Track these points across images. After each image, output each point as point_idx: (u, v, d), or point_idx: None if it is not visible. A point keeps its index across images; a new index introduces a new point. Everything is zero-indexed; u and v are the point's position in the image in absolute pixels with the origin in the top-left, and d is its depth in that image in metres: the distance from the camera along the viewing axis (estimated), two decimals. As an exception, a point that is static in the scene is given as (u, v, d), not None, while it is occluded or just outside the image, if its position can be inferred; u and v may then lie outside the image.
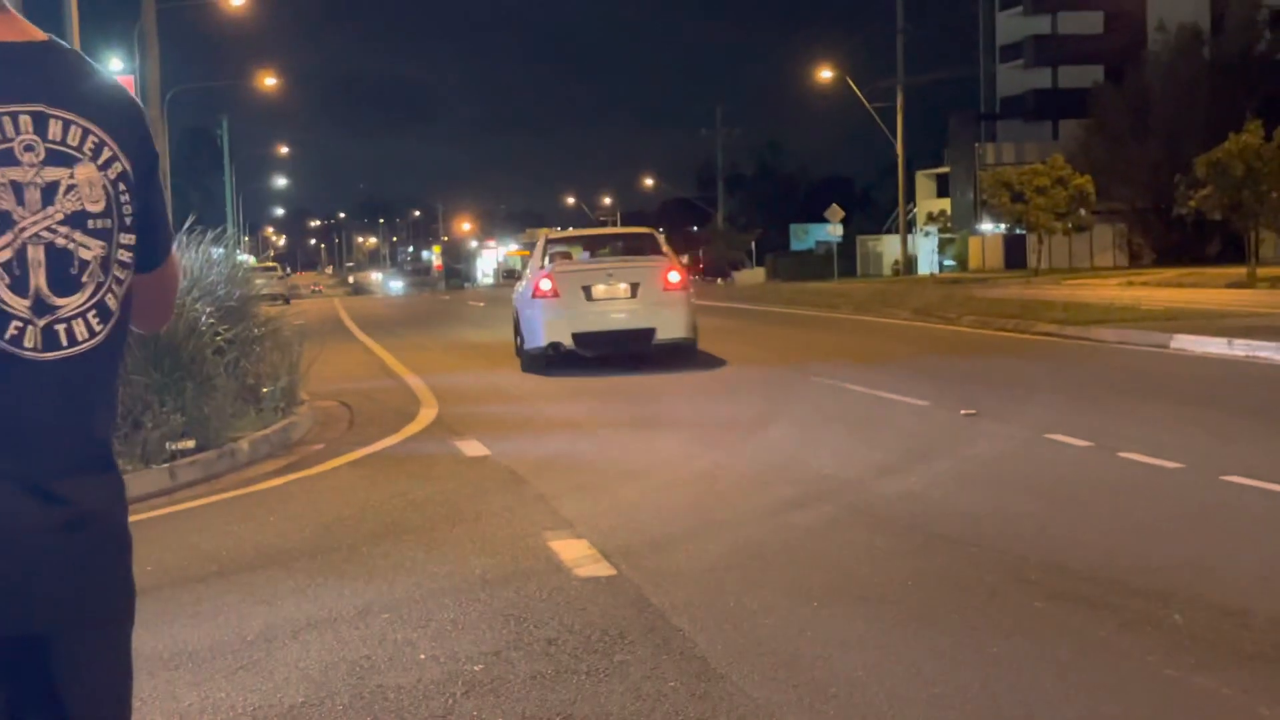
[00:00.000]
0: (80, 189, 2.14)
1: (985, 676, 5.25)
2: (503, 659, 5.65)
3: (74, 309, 2.13)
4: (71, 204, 2.13)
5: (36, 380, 2.10)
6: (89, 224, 2.15)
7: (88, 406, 2.19)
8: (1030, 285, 44.17)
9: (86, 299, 2.15)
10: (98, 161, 2.17)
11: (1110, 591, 6.33)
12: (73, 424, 2.16)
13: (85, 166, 2.15)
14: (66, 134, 2.14)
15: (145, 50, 27.58)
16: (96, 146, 2.17)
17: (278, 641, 6.04)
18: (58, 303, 2.12)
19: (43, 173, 2.11)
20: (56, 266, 2.12)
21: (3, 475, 2.07)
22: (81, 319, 2.14)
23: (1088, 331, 21.09)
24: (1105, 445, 10.30)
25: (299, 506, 9.39)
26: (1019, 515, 8.07)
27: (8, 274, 2.07)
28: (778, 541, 7.66)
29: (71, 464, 2.16)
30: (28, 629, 2.13)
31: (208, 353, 11.96)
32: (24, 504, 2.09)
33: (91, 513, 2.19)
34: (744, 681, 5.27)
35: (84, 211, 2.14)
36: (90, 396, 2.19)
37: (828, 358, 19.19)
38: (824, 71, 65.67)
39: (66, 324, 2.12)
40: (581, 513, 8.61)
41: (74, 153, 2.15)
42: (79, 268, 2.14)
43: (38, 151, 2.11)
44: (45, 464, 2.11)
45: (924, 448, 10.66)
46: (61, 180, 2.12)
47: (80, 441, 2.18)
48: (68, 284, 2.13)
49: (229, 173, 65.40)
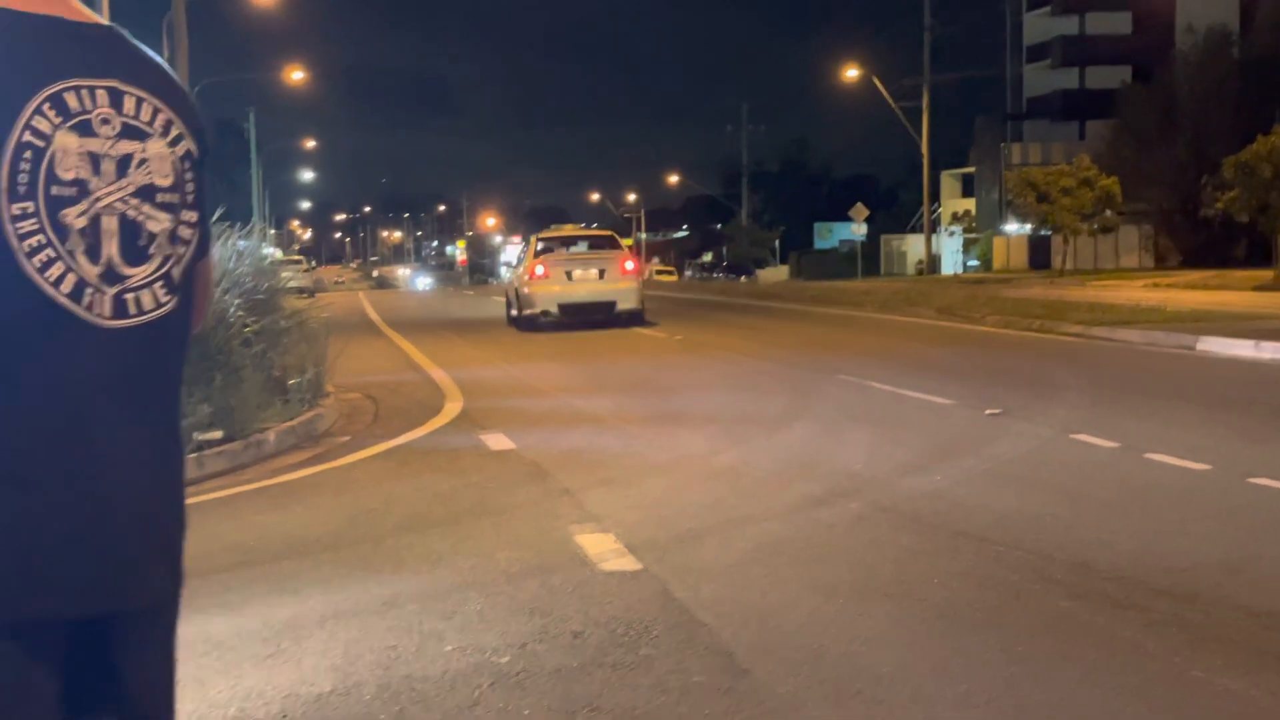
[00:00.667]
0: (151, 163, 2.20)
1: (1010, 675, 5.25)
2: (528, 651, 5.67)
3: (142, 279, 2.18)
4: (142, 177, 2.19)
5: (106, 347, 2.13)
6: (157, 198, 2.21)
7: (158, 375, 2.24)
8: (1055, 286, 44.03)
9: (154, 270, 2.20)
10: (167, 138, 2.23)
11: (1136, 592, 6.33)
12: (144, 392, 2.20)
13: (155, 142, 2.21)
14: (139, 110, 2.20)
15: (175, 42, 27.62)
16: (166, 124, 2.24)
17: (305, 631, 6.07)
18: (127, 272, 2.17)
19: (117, 145, 2.16)
20: (127, 237, 2.17)
21: (78, 444, 2.10)
22: (149, 289, 2.19)
23: (1113, 332, 21.03)
24: (1131, 446, 10.28)
25: (325, 498, 9.43)
26: (1044, 515, 8.06)
27: (83, 241, 2.12)
28: (803, 538, 7.67)
29: (143, 434, 2.20)
30: (106, 608, 2.15)
31: (235, 344, 12.01)
32: (100, 475, 2.12)
33: (162, 485, 2.24)
34: (769, 676, 5.28)
35: (153, 185, 2.20)
36: (160, 365, 2.24)
37: (852, 356, 19.17)
38: (850, 70, 65.54)
39: (135, 293, 2.17)
40: (606, 507, 8.62)
41: (145, 128, 2.20)
42: (147, 239, 2.19)
43: (113, 124, 2.16)
44: (118, 432, 2.15)
45: (949, 446, 10.65)
46: (134, 154, 2.18)
47: (152, 410, 2.22)
48: (137, 255, 2.18)
49: (256, 165, 65.56)
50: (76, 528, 2.09)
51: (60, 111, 2.10)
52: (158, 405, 2.25)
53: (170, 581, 2.29)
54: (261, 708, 5.11)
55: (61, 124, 2.10)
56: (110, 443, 2.14)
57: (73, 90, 2.12)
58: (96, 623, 2.16)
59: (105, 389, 2.13)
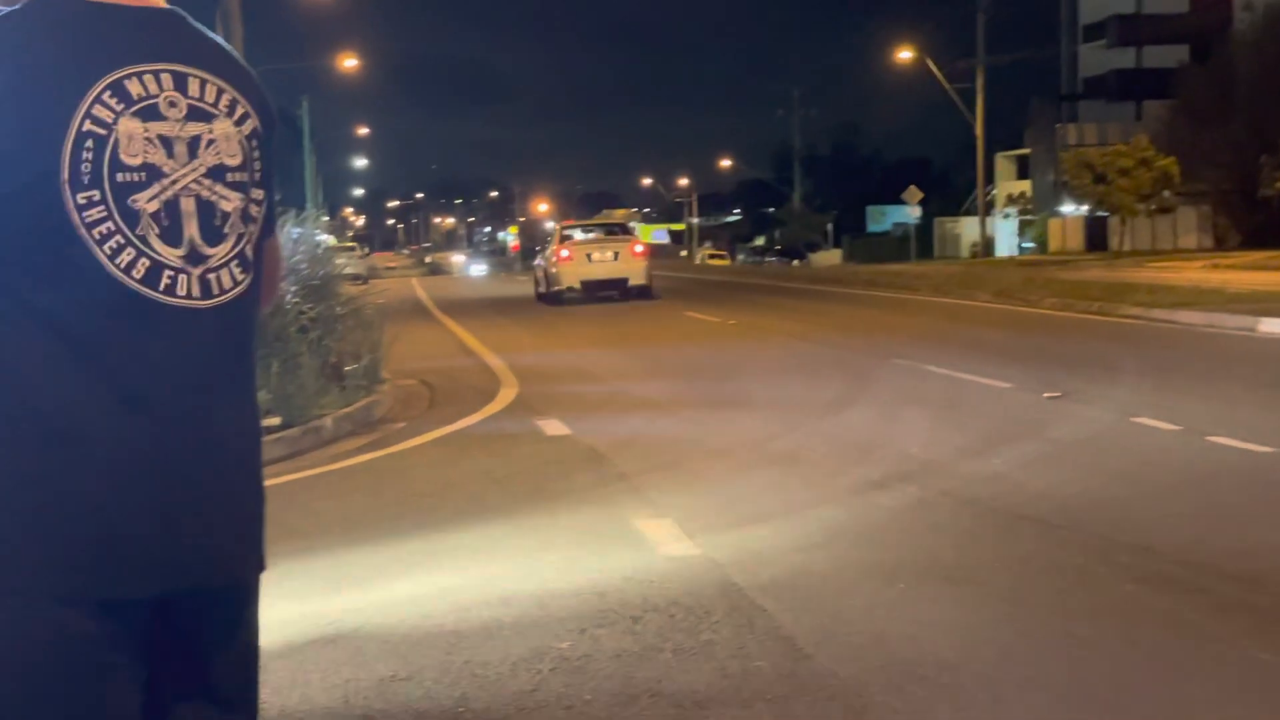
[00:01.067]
0: (219, 143, 2.21)
1: (1074, 659, 5.20)
2: (588, 636, 5.66)
3: (221, 259, 2.20)
4: (212, 157, 2.20)
5: (195, 327, 2.16)
6: (228, 177, 2.22)
7: (240, 354, 2.27)
8: (1113, 267, 43.66)
9: (230, 249, 2.22)
10: (233, 118, 2.24)
11: (1201, 574, 6.26)
12: (230, 370, 2.24)
13: (222, 122, 2.23)
14: (204, 91, 2.21)
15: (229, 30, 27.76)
16: (231, 104, 2.25)
17: (365, 616, 6.08)
18: (208, 252, 2.19)
19: (186, 127, 2.17)
20: (205, 217, 2.19)
21: (170, 424, 2.13)
22: (227, 268, 2.21)
23: (1173, 314, 20.82)
24: (1193, 429, 10.17)
25: (382, 484, 9.46)
26: (1106, 498, 7.99)
27: (157, 224, 2.13)
28: (862, 522, 7.63)
29: (232, 411, 2.24)
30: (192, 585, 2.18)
31: (292, 330, 12.08)
32: (195, 453, 2.15)
33: (249, 461, 2.29)
34: (831, 661, 5.25)
35: (223, 165, 2.21)
36: (241, 343, 2.27)
37: (907, 339, 19.08)
38: (903, 51, 65.16)
39: (216, 273, 2.19)
40: (664, 491, 8.61)
41: (211, 109, 2.22)
42: (221, 219, 2.21)
43: (180, 107, 2.17)
44: (209, 410, 2.18)
45: (1007, 430, 10.57)
46: (203, 135, 2.20)
47: (236, 390, 2.26)
48: (214, 234, 2.20)
49: (309, 153, 65.86)
50: (163, 507, 2.11)
51: (122, 99, 2.10)
52: (238, 383, 2.27)
53: (254, 559, 2.33)
54: (323, 693, 5.13)
55: (124, 110, 2.10)
56: (196, 423, 2.16)
57: (135, 76, 2.13)
58: (180, 602, 2.19)
59: (187, 369, 2.15)
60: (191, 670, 2.24)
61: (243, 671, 2.33)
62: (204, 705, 2.25)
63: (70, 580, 2.05)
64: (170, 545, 2.12)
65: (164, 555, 2.12)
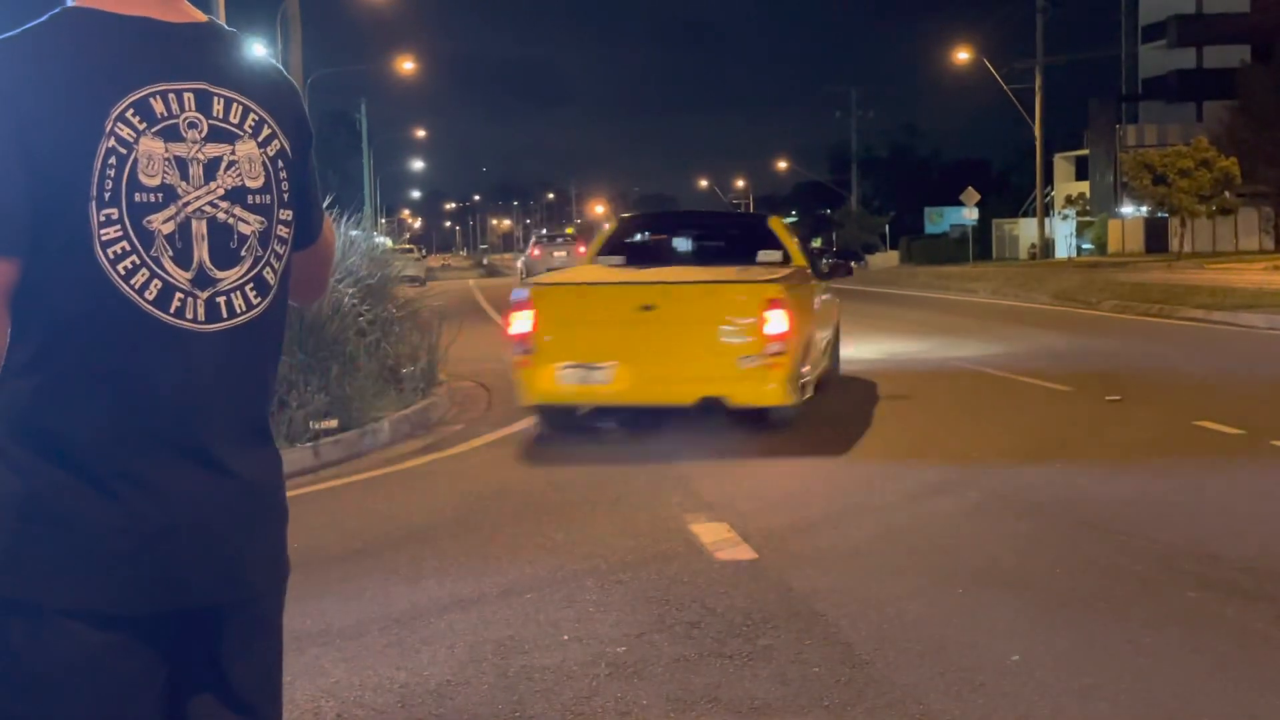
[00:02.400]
0: (240, 165, 2.18)
1: (1138, 667, 5.14)
2: (646, 641, 5.64)
3: (233, 282, 2.17)
4: (232, 179, 2.17)
5: (199, 351, 2.14)
6: (248, 199, 2.18)
7: (248, 378, 2.24)
8: (1173, 269, 43.26)
9: (244, 272, 2.18)
10: (258, 139, 2.20)
11: (1267, 582, 6.17)
12: (234, 395, 2.21)
13: (245, 143, 2.19)
14: (228, 111, 2.18)
15: (289, 34, 27.93)
16: (256, 124, 2.21)
17: (423, 619, 6.09)
18: (218, 275, 2.15)
19: (205, 149, 2.14)
20: (217, 240, 2.15)
21: (173, 446, 2.12)
22: (239, 292, 2.18)
23: (1235, 317, 20.61)
24: (1257, 433, 10.05)
25: (440, 486, 9.47)
26: (1168, 503, 7.90)
27: (170, 247, 2.11)
28: (920, 526, 7.57)
29: (235, 435, 2.21)
30: (202, 601, 2.18)
31: (350, 333, 12.11)
32: (194, 475, 2.14)
33: (256, 483, 2.24)
34: (889, 668, 5.21)
35: (244, 187, 2.18)
36: (250, 368, 2.24)
37: (966, 341, 18.96)
38: (960, 53, 64.82)
39: (226, 296, 2.16)
40: (721, 495, 8.58)
41: (235, 129, 2.18)
42: (238, 242, 2.17)
43: (200, 128, 2.14)
44: (211, 434, 2.16)
45: (1067, 433, 10.48)
46: (223, 156, 2.16)
47: (242, 413, 2.23)
48: (227, 257, 2.16)
49: (367, 155, 66.19)
50: (164, 527, 2.11)
51: (145, 117, 2.09)
52: (248, 405, 2.25)
53: (271, 572, 2.31)
54: (381, 696, 5.13)
55: (145, 130, 2.08)
56: (207, 442, 2.16)
57: (159, 95, 2.11)
58: (191, 614, 2.18)
59: (191, 392, 2.14)
60: (211, 679, 2.24)
61: (264, 679, 2.33)
62: (225, 713, 2.26)
63: (80, 595, 2.06)
64: (173, 564, 2.12)
65: (166, 573, 2.11)
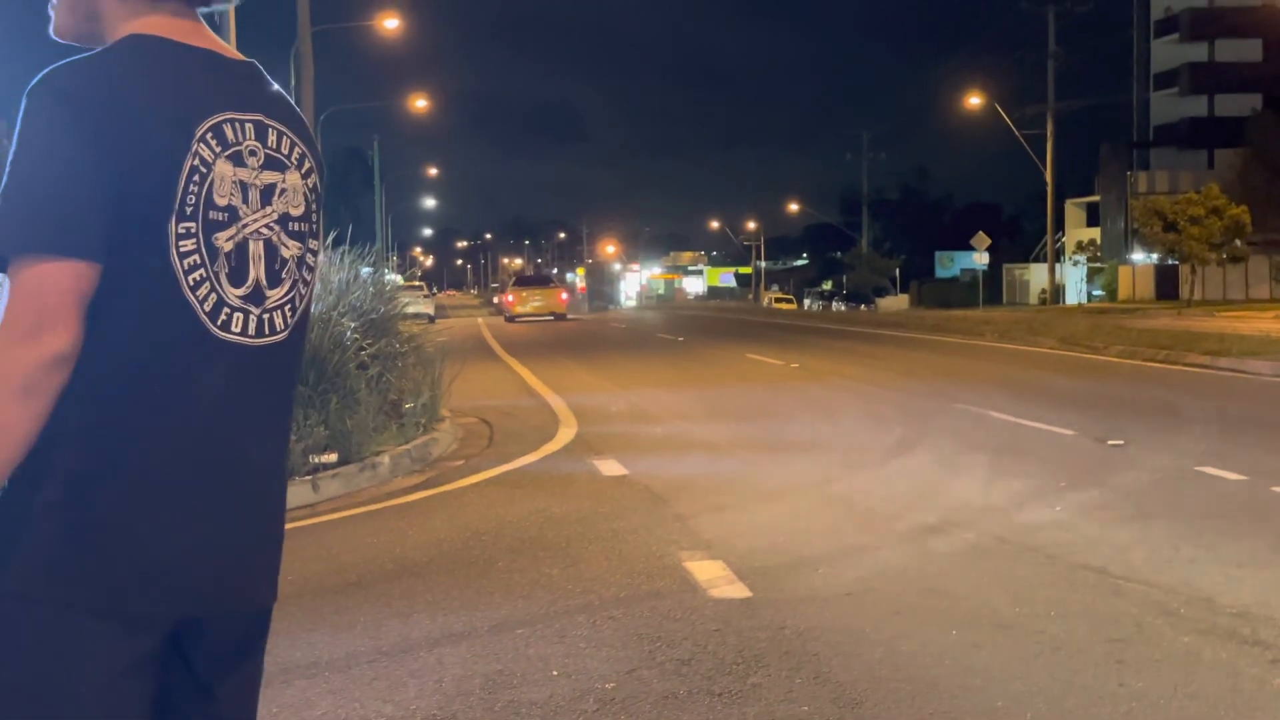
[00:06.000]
0: (289, 193, 2.34)
1: (1130, 711, 5.10)
2: (635, 677, 5.61)
3: (276, 301, 2.31)
4: (282, 206, 2.33)
5: (242, 364, 2.26)
6: (290, 226, 2.34)
7: (280, 392, 2.37)
8: (1182, 316, 43.24)
9: (285, 293, 2.33)
10: (301, 170, 2.37)
11: (1263, 628, 6.13)
12: (269, 408, 2.33)
13: (292, 174, 2.35)
14: (280, 143, 2.34)
15: (301, 71, 28.04)
16: (300, 157, 2.37)
17: (412, 653, 6.07)
18: (269, 294, 2.30)
19: (262, 175, 2.29)
20: (269, 261, 2.30)
21: (214, 454, 2.22)
22: (280, 311, 2.32)
23: (1242, 364, 20.57)
24: (1260, 479, 10.01)
25: (438, 521, 9.45)
26: (1167, 548, 7.86)
27: (228, 264, 2.23)
28: (917, 567, 7.54)
29: (269, 449, 2.33)
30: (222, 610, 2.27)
31: (351, 367, 12.10)
32: (232, 483, 2.24)
33: (276, 499, 2.37)
34: (880, 709, 5.17)
35: (289, 214, 2.34)
36: (282, 383, 2.37)
37: (971, 384, 18.93)
38: (972, 97, 65.04)
39: (271, 314, 2.31)
40: (718, 533, 8.55)
41: (285, 160, 2.34)
42: (281, 264, 2.32)
43: (259, 156, 2.30)
44: (249, 445, 2.27)
45: (1068, 477, 10.44)
46: (277, 184, 2.32)
47: (276, 428, 2.36)
48: (274, 278, 2.31)
49: (379, 192, 66.39)
50: (197, 534, 2.19)
51: (220, 141, 2.22)
52: (276, 420, 2.36)
53: (273, 588, 2.39)
54: (367, 729, 5.10)
55: (220, 153, 2.22)
56: (236, 455, 2.25)
57: (229, 122, 2.25)
58: (200, 624, 2.27)
59: (236, 404, 2.25)
60: (199, 690, 2.31)
61: (247, 695, 2.40)
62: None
63: (101, 595, 2.11)
64: (200, 571, 2.20)
65: (194, 580, 2.19)
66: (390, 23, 38.34)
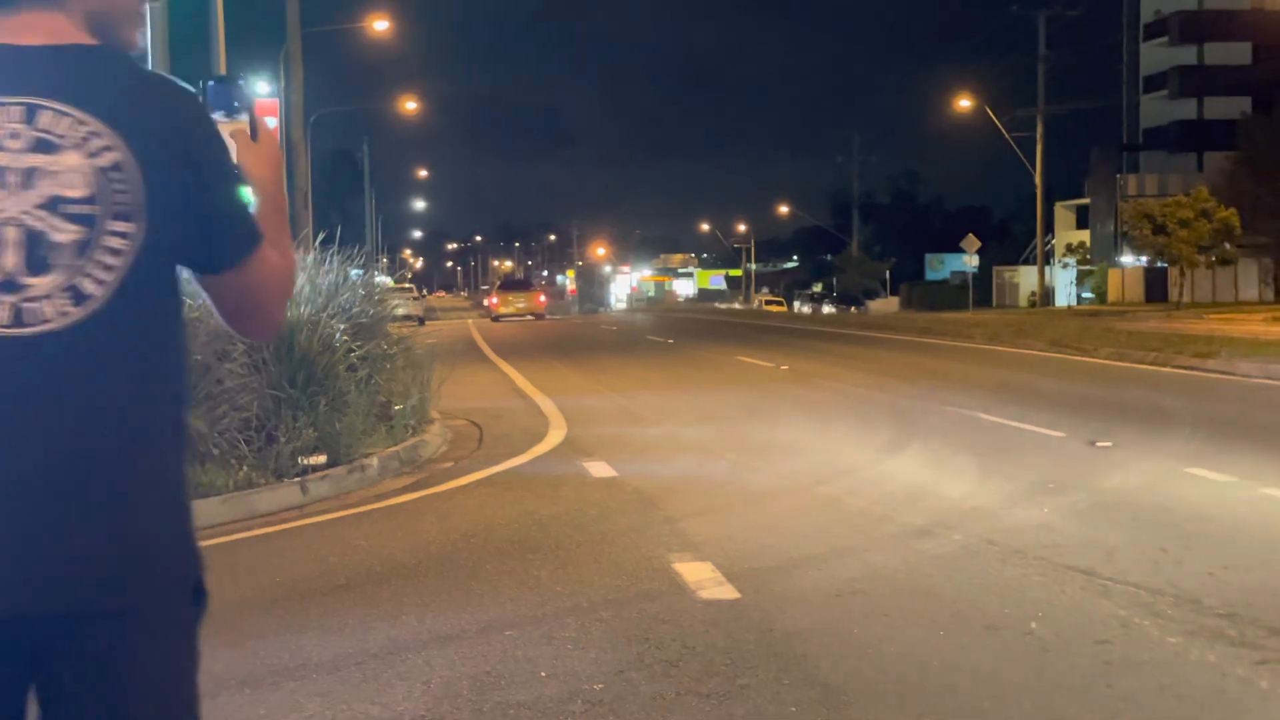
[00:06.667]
0: (61, 175, 2.23)
1: (1117, 712, 5.11)
2: (623, 679, 5.61)
3: (44, 290, 2.20)
4: (49, 188, 2.23)
5: (6, 356, 2.19)
6: (64, 209, 2.22)
7: (86, 383, 2.23)
8: (1171, 319, 43.30)
9: (60, 280, 2.21)
10: (84, 150, 2.24)
11: (1250, 629, 6.15)
12: (61, 399, 2.21)
13: (69, 154, 2.23)
14: (56, 124, 2.23)
15: (290, 74, 28.05)
16: (87, 136, 2.24)
17: (400, 655, 6.06)
18: (27, 282, 2.20)
19: (23, 158, 2.22)
20: (30, 248, 2.21)
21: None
22: (50, 300, 2.21)
23: (1231, 366, 20.60)
24: (1248, 481, 10.03)
25: (426, 523, 9.44)
26: (1155, 549, 7.87)
27: None
28: (905, 569, 7.55)
29: (61, 442, 2.20)
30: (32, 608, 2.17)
31: (341, 369, 12.09)
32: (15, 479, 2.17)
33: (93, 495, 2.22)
34: (868, 710, 5.18)
35: (60, 196, 2.22)
36: (85, 374, 2.23)
37: (960, 387, 18.95)
38: (962, 100, 65.11)
39: (37, 303, 2.21)
40: (707, 535, 8.55)
41: (57, 140, 2.23)
42: (47, 249, 2.21)
43: (22, 139, 2.22)
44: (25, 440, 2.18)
45: (1057, 479, 10.45)
46: (42, 166, 2.23)
47: (72, 418, 2.21)
48: (39, 265, 2.21)
49: (369, 195, 66.37)
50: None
51: None
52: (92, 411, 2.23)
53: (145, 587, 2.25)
54: (354, 730, 5.10)
55: None
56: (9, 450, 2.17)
57: None
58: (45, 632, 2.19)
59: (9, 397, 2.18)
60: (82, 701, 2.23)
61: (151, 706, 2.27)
62: None
63: None
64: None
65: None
66: (380, 24, 38.33)
